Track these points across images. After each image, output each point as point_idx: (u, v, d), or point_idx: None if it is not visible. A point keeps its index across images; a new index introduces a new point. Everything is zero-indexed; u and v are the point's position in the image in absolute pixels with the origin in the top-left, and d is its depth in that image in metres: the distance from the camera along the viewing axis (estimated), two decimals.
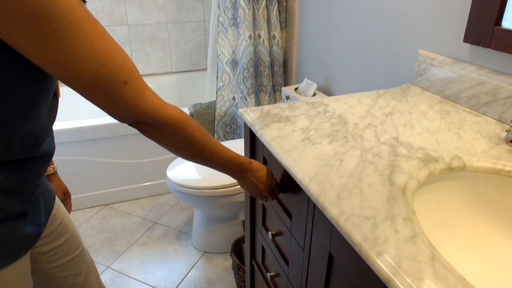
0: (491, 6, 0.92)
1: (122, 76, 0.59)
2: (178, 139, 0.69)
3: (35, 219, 0.74)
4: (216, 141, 0.75)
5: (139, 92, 0.61)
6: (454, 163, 0.77)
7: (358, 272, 0.62)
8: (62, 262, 0.88)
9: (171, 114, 0.66)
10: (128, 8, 2.45)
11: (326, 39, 1.76)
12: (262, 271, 1.16)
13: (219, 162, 0.76)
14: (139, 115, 0.63)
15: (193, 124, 0.70)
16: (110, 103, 0.60)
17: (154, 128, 0.66)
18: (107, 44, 0.57)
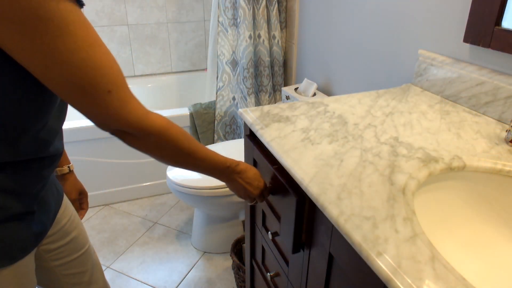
0: (491, 6, 0.92)
1: (107, 85, 0.58)
2: (162, 148, 0.68)
3: (41, 218, 0.75)
4: (202, 146, 0.74)
5: (123, 101, 0.60)
6: (454, 163, 0.77)
7: (358, 272, 0.62)
8: (68, 260, 0.88)
9: (154, 124, 0.64)
10: (128, 8, 2.45)
11: (326, 39, 1.76)
12: (262, 271, 1.16)
13: (206, 167, 0.76)
14: (121, 125, 0.62)
15: (177, 133, 0.68)
16: (92, 111, 0.59)
17: (136, 138, 0.65)
18: (96, 51, 0.56)
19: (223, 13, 1.98)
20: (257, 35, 2.00)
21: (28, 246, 0.72)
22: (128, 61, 2.59)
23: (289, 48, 2.13)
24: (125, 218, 2.09)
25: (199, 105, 2.16)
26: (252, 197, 0.87)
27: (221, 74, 2.08)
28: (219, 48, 2.03)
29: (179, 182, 1.60)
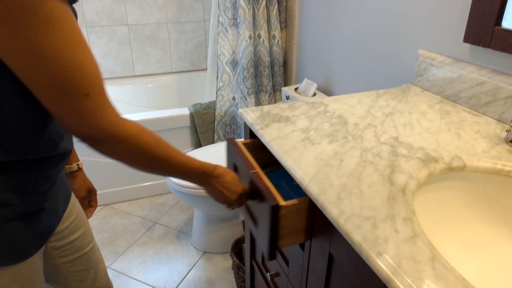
0: (491, 6, 0.92)
1: (86, 88, 0.56)
2: (135, 155, 0.66)
3: (50, 216, 0.76)
4: (177, 152, 0.72)
5: (99, 107, 0.59)
6: (454, 163, 0.77)
7: (358, 272, 0.62)
8: (74, 257, 0.89)
9: (126, 131, 0.63)
10: (128, 8, 2.45)
11: (326, 39, 1.76)
12: (262, 271, 1.16)
13: (181, 173, 0.75)
14: (93, 131, 0.60)
15: (150, 139, 0.67)
16: (65, 113, 0.58)
17: (106, 145, 0.63)
18: (80, 53, 0.55)
19: (223, 13, 1.98)
20: (257, 35, 2.00)
21: (37, 244, 0.73)
22: (128, 61, 2.59)
23: (289, 48, 2.13)
24: (125, 218, 2.09)
25: (199, 105, 2.16)
26: (230, 202, 0.85)
27: (221, 74, 2.08)
28: (219, 48, 2.03)
29: (179, 182, 1.60)
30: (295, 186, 0.89)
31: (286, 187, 0.89)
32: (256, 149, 1.02)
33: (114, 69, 2.57)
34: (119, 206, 2.19)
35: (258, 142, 1.00)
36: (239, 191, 0.85)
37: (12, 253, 0.68)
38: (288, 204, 0.76)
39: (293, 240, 0.82)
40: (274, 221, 0.76)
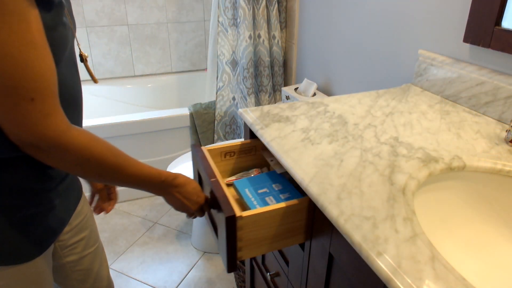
0: (491, 6, 0.92)
1: (31, 92, 0.53)
2: (84, 165, 0.62)
3: (61, 215, 0.77)
4: (132, 160, 0.69)
5: (44, 114, 0.55)
6: (454, 163, 0.77)
7: (358, 272, 0.62)
8: (79, 256, 0.89)
9: (73, 141, 0.59)
10: (128, 8, 2.45)
11: (326, 39, 1.76)
12: (262, 271, 1.16)
13: (137, 183, 0.71)
14: (35, 139, 0.56)
15: (102, 148, 0.63)
16: (8, 117, 0.54)
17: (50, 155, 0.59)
18: (30, 53, 0.51)
19: (223, 13, 1.98)
20: (257, 35, 2.00)
21: (44, 244, 0.74)
22: (128, 61, 2.59)
23: (289, 48, 2.13)
24: (125, 218, 2.09)
25: (199, 105, 2.16)
26: (191, 212, 0.82)
27: (221, 74, 2.08)
28: (219, 48, 2.03)
29: None
30: (261, 193, 0.87)
31: (250, 195, 0.86)
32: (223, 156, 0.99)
33: (114, 69, 2.57)
34: (119, 206, 2.19)
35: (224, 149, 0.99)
36: (200, 202, 0.81)
37: (18, 253, 0.69)
38: (247, 215, 0.73)
39: (260, 250, 0.79)
40: (230, 232, 0.73)
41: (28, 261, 0.71)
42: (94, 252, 0.93)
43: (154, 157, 2.19)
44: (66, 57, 0.66)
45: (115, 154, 0.66)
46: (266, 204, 0.82)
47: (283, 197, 0.85)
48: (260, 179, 0.92)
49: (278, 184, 0.90)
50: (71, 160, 0.61)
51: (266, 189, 0.88)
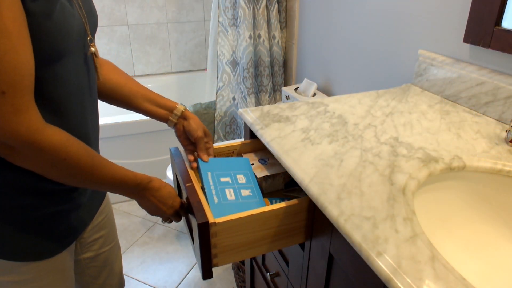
0: (491, 6, 0.92)
1: (3, 85, 0.50)
2: (59, 166, 0.60)
3: (85, 213, 0.78)
4: (107, 162, 0.67)
5: (16, 109, 0.52)
6: (454, 163, 0.77)
7: (358, 272, 0.62)
8: (96, 253, 0.90)
9: (48, 139, 0.56)
10: (128, 8, 2.45)
11: (326, 39, 1.76)
12: (262, 271, 1.16)
13: (112, 185, 0.68)
14: (7, 136, 0.53)
15: (78, 148, 0.61)
16: None
17: (24, 155, 0.56)
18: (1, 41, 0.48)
19: (223, 13, 1.98)
20: (257, 35, 2.00)
21: (70, 239, 0.75)
22: (128, 61, 2.59)
23: (289, 48, 2.13)
24: (125, 218, 2.09)
25: (199, 105, 2.16)
26: (166, 216, 0.81)
27: (221, 74, 2.08)
28: (219, 48, 2.03)
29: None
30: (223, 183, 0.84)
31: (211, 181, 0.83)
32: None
33: None
34: (119, 206, 2.19)
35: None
36: (175, 206, 0.79)
37: (41, 250, 0.70)
38: (220, 221, 0.71)
39: (239, 256, 0.77)
40: (203, 239, 0.71)
41: (51, 257, 0.72)
42: (110, 250, 0.93)
43: (154, 157, 2.19)
44: (74, 49, 0.63)
45: (90, 154, 0.64)
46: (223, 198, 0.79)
47: (243, 194, 0.82)
48: (227, 164, 0.89)
49: (242, 177, 0.86)
50: (46, 160, 0.58)
51: (229, 179, 0.85)
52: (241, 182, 0.85)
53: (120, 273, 1.01)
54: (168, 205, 0.78)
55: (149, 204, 0.77)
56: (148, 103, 0.86)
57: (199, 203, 0.74)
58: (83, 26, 0.64)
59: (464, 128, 0.92)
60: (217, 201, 0.79)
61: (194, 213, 0.72)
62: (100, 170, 0.65)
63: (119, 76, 0.83)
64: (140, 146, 2.14)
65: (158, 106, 0.86)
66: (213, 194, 0.80)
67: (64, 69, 0.61)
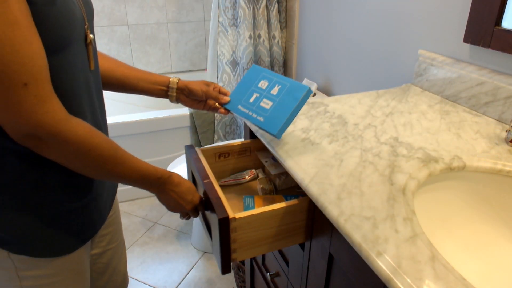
0: (491, 6, 0.92)
1: (24, 76, 0.50)
2: (83, 158, 0.60)
3: (102, 207, 0.79)
4: (129, 156, 0.67)
5: (40, 100, 0.52)
6: (454, 163, 0.77)
7: (358, 272, 0.62)
8: (103, 250, 0.90)
9: (73, 130, 0.57)
10: (128, 8, 2.45)
11: (326, 39, 1.76)
12: (262, 271, 1.16)
13: (134, 179, 0.69)
14: (34, 127, 0.53)
15: (101, 141, 0.61)
16: (2, 106, 0.51)
17: (50, 145, 0.57)
18: (16, 33, 0.48)
19: (223, 13, 1.98)
20: (257, 35, 2.00)
21: (89, 233, 0.76)
22: (128, 61, 2.59)
23: (289, 48, 2.13)
24: (125, 218, 2.09)
25: None
26: (185, 212, 0.81)
27: (221, 74, 2.08)
28: (219, 48, 2.03)
29: None
30: (254, 101, 0.85)
31: (246, 110, 0.85)
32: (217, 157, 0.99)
33: None
34: (119, 206, 2.18)
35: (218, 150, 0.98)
36: (194, 202, 0.80)
37: (63, 245, 0.71)
38: (240, 216, 0.72)
39: (256, 251, 0.78)
40: (223, 234, 0.72)
41: (72, 252, 0.73)
42: (115, 248, 0.94)
43: (154, 157, 2.19)
44: (78, 36, 0.62)
45: (113, 147, 0.64)
46: (264, 111, 0.81)
47: (273, 92, 0.83)
48: (244, 85, 0.90)
49: (263, 82, 0.87)
50: (71, 151, 0.58)
51: (254, 95, 0.86)
52: (264, 87, 0.86)
53: (124, 271, 1.01)
54: (187, 200, 0.78)
55: (168, 199, 0.77)
56: (143, 82, 0.87)
57: (218, 199, 0.75)
58: (81, 13, 0.64)
59: (464, 128, 0.92)
60: (262, 119, 0.82)
61: (214, 209, 0.73)
62: (122, 163, 0.65)
63: (110, 62, 0.84)
64: (140, 146, 2.14)
65: (153, 83, 0.88)
66: (256, 117, 0.82)
67: (70, 58, 0.61)
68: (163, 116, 2.10)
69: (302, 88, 0.81)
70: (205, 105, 0.92)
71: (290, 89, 0.82)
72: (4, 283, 0.69)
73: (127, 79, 0.85)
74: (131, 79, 0.86)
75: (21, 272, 0.68)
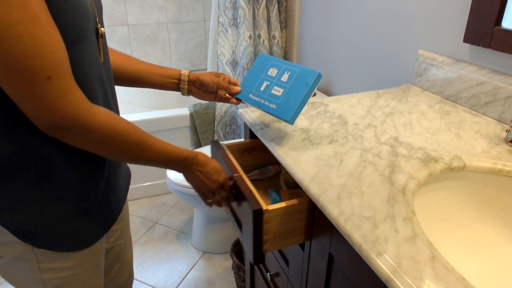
0: (491, 6, 0.92)
1: (47, 69, 0.51)
2: (109, 144, 0.62)
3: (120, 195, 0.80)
4: (154, 138, 0.69)
5: (63, 91, 0.54)
6: (454, 163, 0.77)
7: (358, 272, 0.62)
8: (112, 245, 0.91)
9: (97, 118, 0.59)
10: (128, 8, 2.45)
11: (326, 39, 1.76)
12: (262, 271, 1.16)
13: (160, 161, 0.71)
14: (59, 118, 0.55)
15: (125, 126, 0.64)
16: (28, 99, 0.53)
17: (77, 135, 0.59)
18: (36, 28, 0.49)
19: (223, 13, 1.98)
20: (257, 35, 2.00)
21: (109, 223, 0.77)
22: None
23: (289, 48, 2.13)
24: None
25: (199, 105, 2.16)
26: (211, 191, 0.82)
27: None
28: (219, 48, 2.03)
29: (179, 182, 1.60)
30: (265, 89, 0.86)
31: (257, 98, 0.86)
32: (241, 152, 1.01)
33: None
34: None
35: (243, 145, 1.00)
36: (220, 181, 0.81)
37: (87, 238, 0.72)
38: (273, 208, 0.75)
39: (283, 243, 0.81)
40: (257, 225, 0.75)
41: (92, 244, 0.74)
42: (124, 243, 0.95)
43: None
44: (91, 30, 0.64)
45: (137, 131, 0.66)
46: (276, 99, 0.83)
47: (284, 80, 0.85)
48: (254, 74, 0.91)
49: (273, 70, 0.88)
50: (97, 139, 0.60)
51: (265, 83, 0.88)
52: (274, 75, 0.88)
53: (130, 266, 1.02)
54: (212, 179, 0.80)
55: (195, 178, 0.79)
56: (155, 76, 0.89)
57: (250, 191, 0.77)
58: (92, 7, 0.66)
59: (464, 128, 0.92)
60: (275, 106, 0.83)
61: (247, 201, 0.75)
62: (147, 147, 0.67)
63: (121, 57, 0.85)
64: None
65: (164, 77, 0.89)
66: (268, 105, 0.84)
67: (84, 51, 0.62)
68: (163, 116, 2.10)
69: (312, 73, 0.82)
70: (216, 96, 0.94)
71: (300, 75, 0.83)
72: (25, 275, 0.70)
73: (139, 73, 0.87)
74: (143, 73, 0.87)
75: (43, 265, 0.69)
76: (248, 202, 0.75)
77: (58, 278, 0.71)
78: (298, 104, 0.80)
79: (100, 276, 0.80)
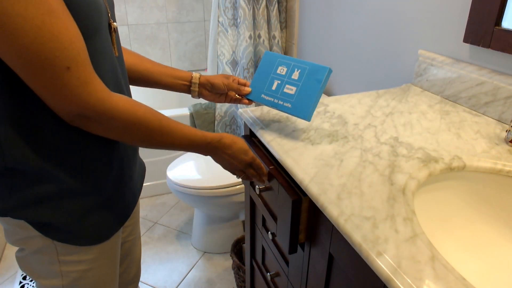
0: (491, 6, 0.92)
1: (66, 60, 0.53)
2: (131, 131, 0.63)
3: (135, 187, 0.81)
4: (176, 123, 0.69)
5: (83, 81, 0.55)
6: (454, 163, 0.77)
7: (358, 272, 0.62)
8: (123, 241, 0.91)
9: (117, 106, 0.60)
10: (128, 8, 2.45)
11: (326, 39, 1.76)
12: (262, 271, 1.16)
13: (184, 145, 0.71)
14: (80, 108, 0.56)
15: (146, 112, 0.64)
16: (49, 91, 0.54)
17: (99, 123, 0.60)
18: (53, 21, 0.50)
19: (223, 13, 1.98)
20: (257, 35, 2.00)
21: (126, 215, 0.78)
22: None
23: (289, 48, 2.13)
24: None
25: (199, 105, 2.16)
26: (239, 170, 0.82)
27: None
28: (219, 48, 2.03)
29: (179, 182, 1.60)
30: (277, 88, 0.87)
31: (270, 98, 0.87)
32: None
33: None
34: None
35: None
36: (247, 160, 0.81)
37: (99, 235, 0.73)
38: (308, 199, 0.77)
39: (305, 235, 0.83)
40: (295, 215, 0.77)
41: (110, 237, 0.75)
42: (133, 240, 0.95)
43: (154, 157, 2.19)
44: (104, 24, 0.64)
45: (158, 117, 0.66)
46: (290, 97, 0.84)
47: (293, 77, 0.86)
48: (263, 74, 0.92)
49: (282, 68, 0.89)
50: (118, 126, 0.61)
51: (275, 82, 0.89)
52: (284, 73, 0.89)
53: (138, 262, 1.03)
54: (239, 159, 0.80)
55: (222, 160, 0.80)
56: (166, 77, 0.90)
57: (288, 182, 0.79)
58: (104, 2, 0.66)
59: (464, 128, 0.92)
60: (290, 105, 0.84)
61: (285, 191, 0.77)
62: (169, 132, 0.68)
63: (133, 56, 0.86)
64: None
65: (175, 78, 0.90)
66: (283, 105, 0.85)
67: (99, 45, 0.63)
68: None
69: (323, 69, 0.83)
70: (226, 98, 0.94)
71: (311, 72, 0.84)
72: (45, 267, 0.71)
73: (151, 73, 0.88)
74: (154, 73, 0.88)
75: (62, 257, 0.70)
76: (287, 192, 0.76)
77: (77, 271, 0.72)
78: (313, 102, 0.82)
79: (115, 271, 0.81)
